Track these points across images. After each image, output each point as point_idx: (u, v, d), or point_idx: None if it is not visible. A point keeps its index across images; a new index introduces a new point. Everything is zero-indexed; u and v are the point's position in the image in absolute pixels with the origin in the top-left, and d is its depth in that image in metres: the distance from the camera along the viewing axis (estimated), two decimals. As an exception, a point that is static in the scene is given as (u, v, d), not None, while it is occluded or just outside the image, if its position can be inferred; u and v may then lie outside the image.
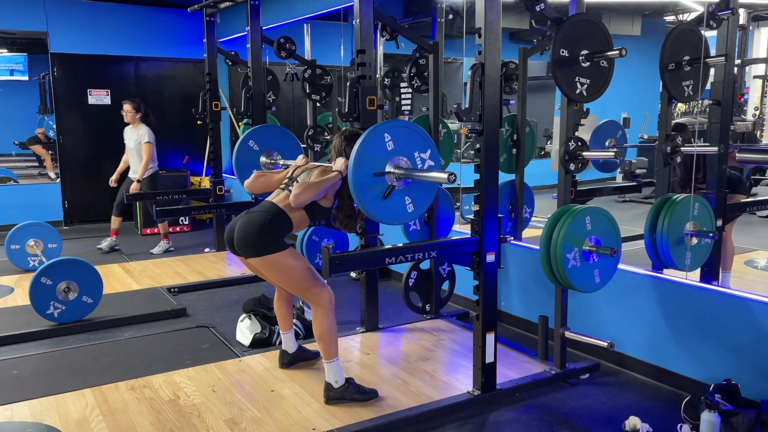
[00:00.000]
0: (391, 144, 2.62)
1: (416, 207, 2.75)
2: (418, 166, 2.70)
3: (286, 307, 3.30)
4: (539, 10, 2.89)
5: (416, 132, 2.70)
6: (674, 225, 3.17)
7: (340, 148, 2.97)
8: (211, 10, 5.71)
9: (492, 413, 2.96)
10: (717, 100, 3.49)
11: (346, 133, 3.02)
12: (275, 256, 2.81)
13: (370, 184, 2.60)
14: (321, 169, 2.99)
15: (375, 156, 2.59)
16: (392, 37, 4.02)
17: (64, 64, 7.44)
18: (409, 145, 2.67)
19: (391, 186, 2.63)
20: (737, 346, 2.94)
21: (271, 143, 4.37)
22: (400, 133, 2.65)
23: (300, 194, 2.81)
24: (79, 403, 2.97)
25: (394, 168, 2.62)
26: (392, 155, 2.63)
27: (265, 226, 2.82)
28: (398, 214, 2.72)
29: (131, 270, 5.46)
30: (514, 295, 4.10)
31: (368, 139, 2.57)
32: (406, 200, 2.71)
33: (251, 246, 2.83)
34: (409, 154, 2.67)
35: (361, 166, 2.56)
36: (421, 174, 2.66)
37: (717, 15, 3.35)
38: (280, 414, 2.86)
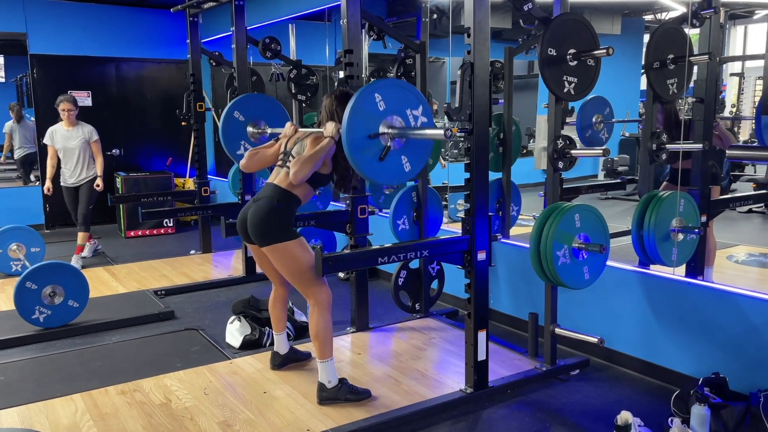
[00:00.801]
0: (382, 104, 2.61)
1: (413, 165, 2.76)
2: (411, 124, 2.70)
3: (281, 308, 3.29)
4: (527, 9, 2.92)
5: (406, 89, 2.70)
6: (661, 221, 3.21)
7: (331, 108, 2.95)
8: (194, 11, 5.67)
9: (485, 410, 2.98)
10: (700, 98, 3.54)
11: (337, 92, 2.99)
12: (286, 245, 2.82)
13: (366, 147, 2.60)
14: (312, 138, 2.96)
15: (367, 118, 2.59)
16: (379, 37, 4.03)
17: (44, 65, 7.34)
18: (400, 104, 2.66)
19: (386, 147, 2.63)
20: (724, 339, 2.98)
21: (257, 112, 4.34)
22: (391, 92, 2.64)
23: (299, 171, 2.80)
24: (68, 408, 2.94)
25: (388, 128, 2.62)
26: (385, 115, 2.62)
27: (273, 210, 2.84)
28: (396, 174, 2.74)
29: (116, 273, 5.40)
30: (502, 292, 4.12)
31: (359, 102, 2.56)
32: (403, 159, 2.72)
33: (264, 234, 2.84)
34: (402, 112, 2.67)
35: (355, 130, 2.56)
36: (416, 132, 2.66)
37: (700, 14, 3.40)
38: (274, 415, 2.85)
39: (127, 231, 7.14)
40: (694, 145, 3.44)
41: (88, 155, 5.65)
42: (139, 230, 7.18)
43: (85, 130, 5.62)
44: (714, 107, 3.55)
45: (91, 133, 5.64)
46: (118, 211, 7.24)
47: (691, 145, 3.43)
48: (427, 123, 2.75)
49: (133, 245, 6.77)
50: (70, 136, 5.60)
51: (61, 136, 5.60)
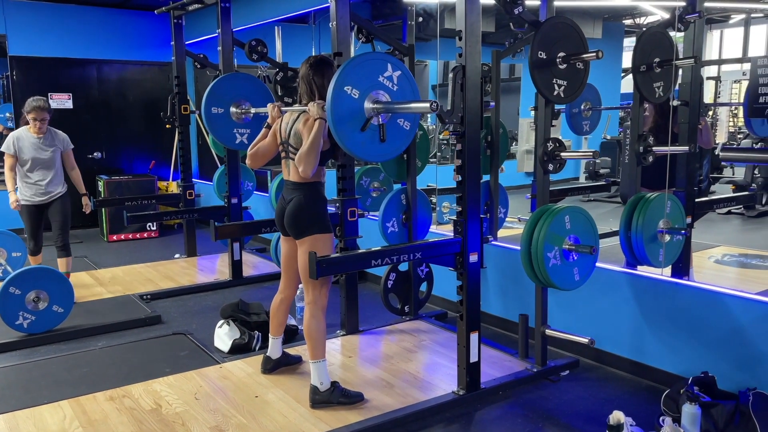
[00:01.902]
0: (355, 92, 2.59)
1: (411, 122, 2.80)
2: (390, 86, 2.69)
3: (285, 313, 3.28)
4: (518, 13, 2.94)
5: (366, 60, 2.65)
6: (648, 223, 3.25)
7: (308, 77, 2.93)
8: (178, 12, 5.62)
9: (477, 412, 2.99)
10: (685, 101, 3.59)
11: (311, 60, 2.97)
12: (318, 237, 2.90)
13: (363, 138, 2.64)
14: (303, 122, 2.90)
15: (350, 114, 2.60)
16: (368, 40, 4.02)
17: (24, 67, 7.23)
18: (369, 78, 2.64)
19: (381, 126, 2.66)
20: (712, 339, 3.03)
21: (239, 92, 4.35)
22: (354, 74, 2.60)
23: (306, 167, 2.82)
24: (56, 415, 2.89)
25: (373, 104, 2.63)
26: (362, 99, 2.62)
27: (304, 205, 2.92)
28: (400, 139, 2.78)
29: (100, 278, 5.33)
30: (491, 294, 4.14)
31: (335, 106, 2.56)
32: (400, 122, 2.76)
33: (302, 225, 2.91)
34: (376, 83, 2.65)
35: (346, 132, 2.59)
36: (402, 106, 2.67)
37: (684, 18, 3.45)
38: (266, 420, 2.83)
39: (110, 235, 7.05)
40: (680, 147, 3.49)
41: (62, 167, 4.77)
42: (122, 234, 7.10)
43: (58, 138, 4.72)
44: (698, 110, 3.61)
45: (66, 142, 4.77)
46: (101, 215, 7.14)
47: (677, 147, 3.48)
48: (402, 75, 2.72)
49: (116, 249, 6.69)
50: (42, 146, 4.60)
51: (30, 145, 4.56)
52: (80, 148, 7.61)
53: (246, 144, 4.38)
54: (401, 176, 4.10)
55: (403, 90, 2.73)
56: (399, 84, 2.72)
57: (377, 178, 4.56)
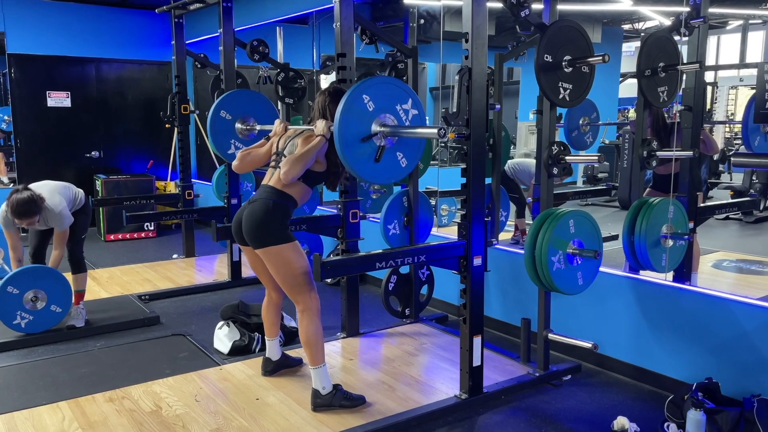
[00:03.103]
0: (371, 104, 2.59)
1: (409, 160, 2.77)
2: (403, 119, 2.69)
3: (275, 314, 3.24)
4: (524, 16, 2.93)
5: (393, 85, 2.69)
6: (651, 227, 3.24)
7: (323, 105, 2.92)
8: (179, 12, 5.60)
9: (480, 416, 2.97)
10: (689, 106, 3.59)
11: (330, 89, 2.96)
12: (280, 248, 2.79)
13: (360, 149, 2.59)
14: (304, 136, 2.92)
15: (358, 121, 2.58)
16: (371, 41, 4.00)
17: (22, 65, 7.18)
18: (389, 100, 2.66)
19: (381, 147, 2.63)
20: (716, 345, 3.02)
21: (244, 108, 4.29)
22: (378, 90, 2.62)
23: (289, 170, 2.77)
24: (55, 416, 2.86)
25: (381, 126, 2.61)
26: (375, 114, 2.61)
27: (269, 213, 2.80)
28: (393, 172, 2.74)
29: (98, 277, 5.30)
30: (492, 298, 4.13)
31: (348, 105, 2.55)
32: (398, 156, 2.72)
33: (259, 236, 2.81)
34: (391, 109, 2.66)
35: (347, 136, 2.55)
36: (409, 131, 2.65)
37: (689, 23, 3.45)
38: (268, 422, 2.81)
39: (107, 234, 7.02)
40: (683, 152, 3.48)
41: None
42: (120, 234, 7.06)
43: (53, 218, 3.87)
44: (702, 115, 3.61)
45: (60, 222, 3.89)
46: (98, 215, 7.10)
47: (680, 152, 3.48)
48: (417, 115, 2.74)
49: (113, 249, 6.65)
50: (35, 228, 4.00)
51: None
52: (78, 147, 7.63)
53: None
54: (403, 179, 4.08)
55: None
56: (411, 121, 2.73)
57: (378, 181, 4.54)
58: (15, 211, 3.69)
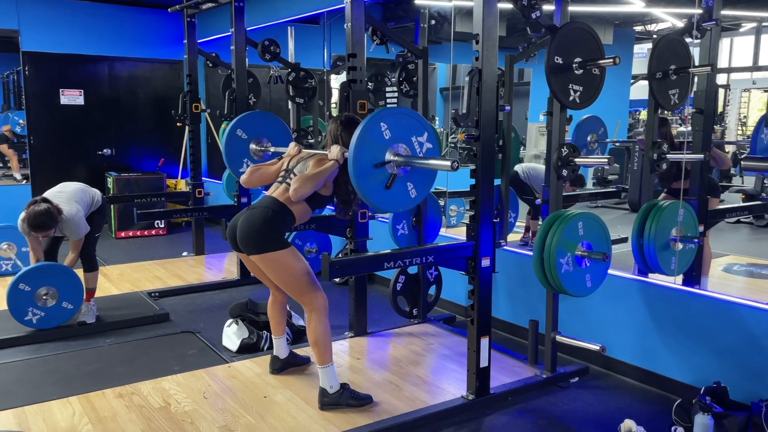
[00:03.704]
0: (387, 132, 2.61)
1: (419, 191, 2.76)
2: (417, 151, 2.70)
3: (281, 312, 3.26)
4: (535, 18, 2.93)
5: (411, 116, 2.71)
6: (661, 231, 3.23)
7: (335, 133, 2.94)
8: (192, 11, 5.64)
9: (486, 417, 2.98)
10: (700, 109, 3.58)
11: (342, 117, 2.99)
12: (277, 254, 2.79)
13: (372, 175, 2.60)
14: (317, 158, 2.95)
15: (373, 147, 2.59)
16: (382, 42, 4.02)
17: (36, 63, 7.25)
18: (405, 131, 2.67)
19: (392, 175, 2.64)
20: (724, 349, 3.01)
21: (260, 130, 4.31)
22: (396, 120, 2.64)
23: (299, 188, 2.78)
24: (65, 411, 2.89)
25: (394, 156, 2.62)
26: (390, 143, 2.62)
27: (267, 221, 2.80)
28: (402, 201, 2.74)
29: (108, 274, 5.34)
30: (500, 299, 4.13)
31: (365, 131, 2.56)
32: (408, 186, 2.72)
33: (254, 242, 2.80)
34: (407, 139, 2.67)
35: (361, 159, 2.56)
36: (422, 161, 2.65)
37: (701, 25, 3.44)
38: (275, 420, 2.83)
39: (118, 232, 7.07)
40: (694, 155, 3.47)
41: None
42: (130, 231, 7.11)
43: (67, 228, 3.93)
44: (713, 118, 3.59)
45: (75, 230, 3.94)
46: (109, 212, 7.15)
47: (691, 156, 3.47)
48: (432, 149, 2.76)
49: (124, 246, 6.70)
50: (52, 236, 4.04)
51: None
52: (91, 145, 7.69)
53: None
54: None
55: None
56: (425, 153, 2.74)
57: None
58: (31, 224, 3.76)
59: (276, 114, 4.57)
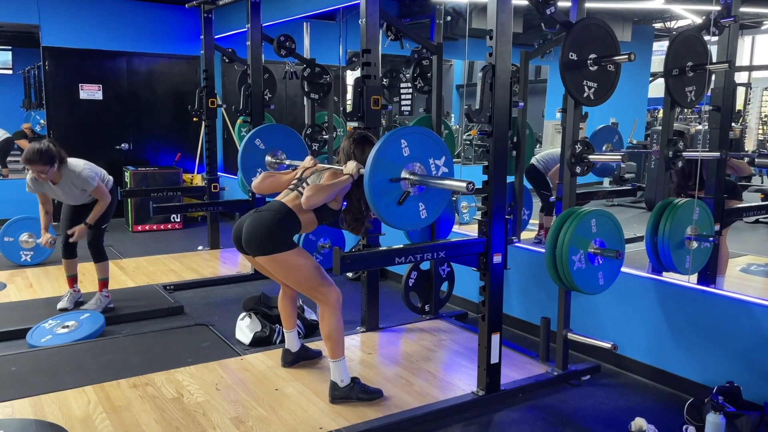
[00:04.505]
0: (407, 150, 2.63)
1: (429, 213, 2.77)
2: (432, 173, 2.72)
3: (291, 306, 3.29)
4: (549, 13, 2.92)
5: (431, 138, 2.73)
6: (675, 229, 3.21)
7: (348, 150, 2.96)
8: (209, 7, 5.67)
9: (496, 414, 2.98)
10: (717, 106, 3.54)
11: (355, 135, 3.01)
12: (283, 255, 2.80)
13: (386, 189, 2.61)
14: (332, 171, 2.97)
15: (391, 162, 2.61)
16: (397, 38, 4.02)
17: (56, 58, 7.35)
18: (424, 152, 2.69)
19: (406, 192, 2.64)
20: (738, 348, 2.98)
21: (277, 143, 4.36)
22: (416, 139, 2.67)
23: (312, 196, 2.79)
24: (81, 400, 2.94)
25: (410, 174, 2.64)
26: (408, 161, 2.64)
27: (274, 225, 2.81)
28: (411, 220, 2.73)
29: (125, 267, 5.40)
30: (513, 296, 4.12)
31: (385, 145, 2.58)
32: (420, 206, 2.73)
33: (259, 245, 2.81)
34: (424, 160, 2.70)
35: (378, 172, 2.57)
36: (437, 181, 2.66)
37: (719, 22, 3.40)
38: (286, 413, 2.85)
39: (135, 225, 7.15)
40: (710, 153, 3.44)
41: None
42: (147, 225, 7.19)
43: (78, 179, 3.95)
44: (731, 116, 3.55)
45: (87, 182, 3.96)
46: (126, 206, 7.24)
47: (707, 153, 3.43)
48: (447, 174, 2.76)
49: (140, 240, 6.78)
50: (61, 189, 4.02)
51: (50, 188, 4.03)
52: (109, 139, 7.79)
53: None
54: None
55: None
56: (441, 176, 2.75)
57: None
58: (25, 155, 3.74)
59: (291, 110, 4.61)
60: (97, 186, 4.01)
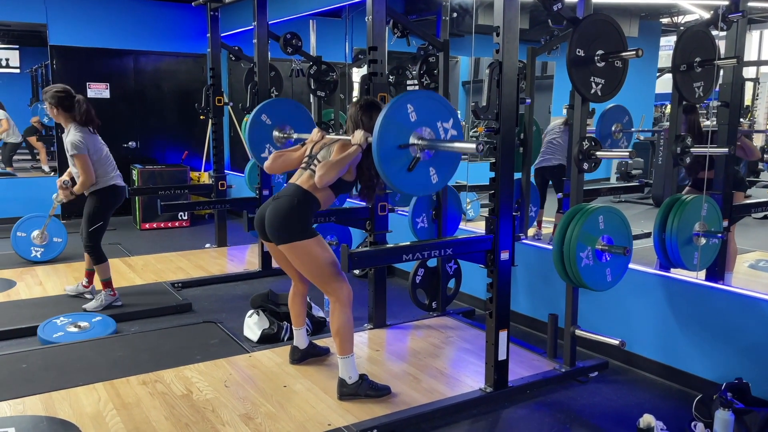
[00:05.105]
0: (414, 115, 2.60)
1: (440, 178, 2.75)
2: (441, 136, 2.69)
3: (301, 304, 3.30)
4: (557, 9, 2.91)
5: (438, 101, 2.70)
6: (684, 225, 3.20)
7: (356, 117, 2.95)
8: (215, 5, 5.69)
9: (504, 410, 2.98)
10: (725, 102, 3.53)
11: (362, 102, 2.99)
12: (304, 243, 2.82)
13: (395, 156, 2.59)
14: (340, 144, 2.95)
15: (399, 128, 2.58)
16: (403, 35, 4.02)
17: (63, 56, 7.38)
18: (431, 115, 2.66)
19: (415, 158, 2.63)
20: (747, 345, 2.97)
21: (284, 117, 4.33)
22: (423, 103, 2.63)
23: (324, 175, 2.80)
24: (91, 397, 2.96)
25: (418, 139, 2.62)
26: (416, 126, 2.61)
27: (293, 210, 2.83)
28: (422, 186, 2.72)
29: (133, 265, 5.43)
30: (520, 293, 4.12)
31: (392, 111, 2.55)
32: (431, 171, 2.71)
33: (282, 232, 2.84)
34: (432, 124, 2.66)
35: (385, 139, 2.55)
36: (446, 144, 2.65)
37: (727, 17, 3.39)
38: (295, 409, 2.86)
39: (143, 223, 7.18)
40: (718, 149, 3.43)
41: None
42: (154, 222, 7.22)
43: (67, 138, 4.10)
44: (739, 111, 3.54)
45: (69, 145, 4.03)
46: (134, 203, 7.27)
47: (715, 149, 3.42)
48: (456, 137, 2.75)
49: (148, 237, 6.81)
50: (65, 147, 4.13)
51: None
52: (116, 137, 7.81)
53: None
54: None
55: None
56: (450, 139, 2.73)
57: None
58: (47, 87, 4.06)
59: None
60: (79, 156, 4.01)
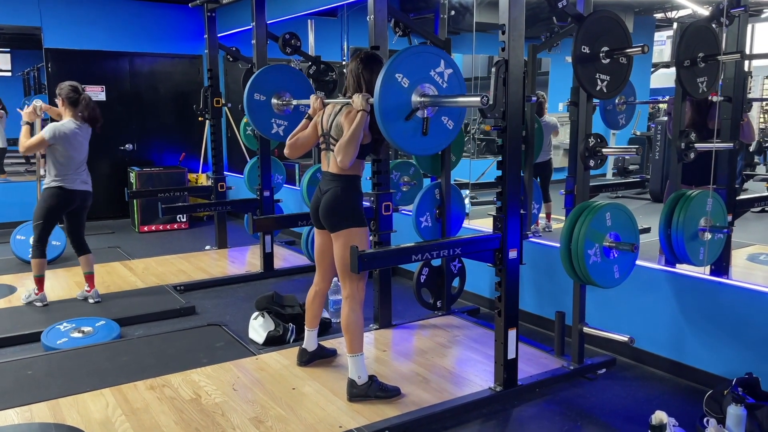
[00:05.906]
0: (405, 81, 2.57)
1: (455, 122, 2.76)
2: (440, 82, 2.66)
3: (320, 305, 3.30)
4: (561, 6, 2.90)
5: (421, 53, 2.65)
6: (689, 220, 3.19)
7: (357, 72, 2.92)
8: (212, 6, 5.65)
9: (514, 409, 2.98)
10: (728, 97, 3.53)
11: (362, 55, 2.96)
12: (354, 231, 2.90)
13: (406, 129, 2.60)
14: (345, 114, 2.91)
15: (397, 100, 2.57)
16: (404, 34, 4.01)
17: (58, 59, 7.33)
18: (422, 70, 2.62)
19: (425, 119, 2.62)
20: (756, 339, 2.97)
21: (277, 84, 4.33)
22: (408, 64, 2.58)
23: (345, 157, 2.81)
24: (99, 403, 2.94)
25: (420, 97, 2.60)
26: (412, 89, 2.59)
27: (340, 199, 2.92)
28: (443, 137, 2.74)
29: (134, 268, 5.40)
30: (526, 291, 4.11)
31: (383, 90, 2.52)
32: (444, 120, 2.71)
33: (337, 220, 2.92)
34: (426, 76, 2.62)
35: (391, 119, 2.56)
36: (450, 100, 2.63)
37: (730, 12, 3.39)
38: (305, 412, 2.85)
39: (141, 226, 7.14)
40: (723, 144, 3.43)
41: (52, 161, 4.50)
42: (153, 225, 7.19)
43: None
44: (742, 106, 3.54)
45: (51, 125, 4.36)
46: (132, 206, 7.23)
47: (720, 144, 3.42)
48: (453, 74, 2.70)
49: (147, 240, 6.77)
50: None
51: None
52: (113, 140, 7.77)
53: (282, 135, 4.39)
54: (435, 171, 4.09)
55: (452, 88, 2.70)
56: (449, 82, 2.70)
57: (407, 173, 4.54)
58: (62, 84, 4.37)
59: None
60: (40, 134, 4.33)
